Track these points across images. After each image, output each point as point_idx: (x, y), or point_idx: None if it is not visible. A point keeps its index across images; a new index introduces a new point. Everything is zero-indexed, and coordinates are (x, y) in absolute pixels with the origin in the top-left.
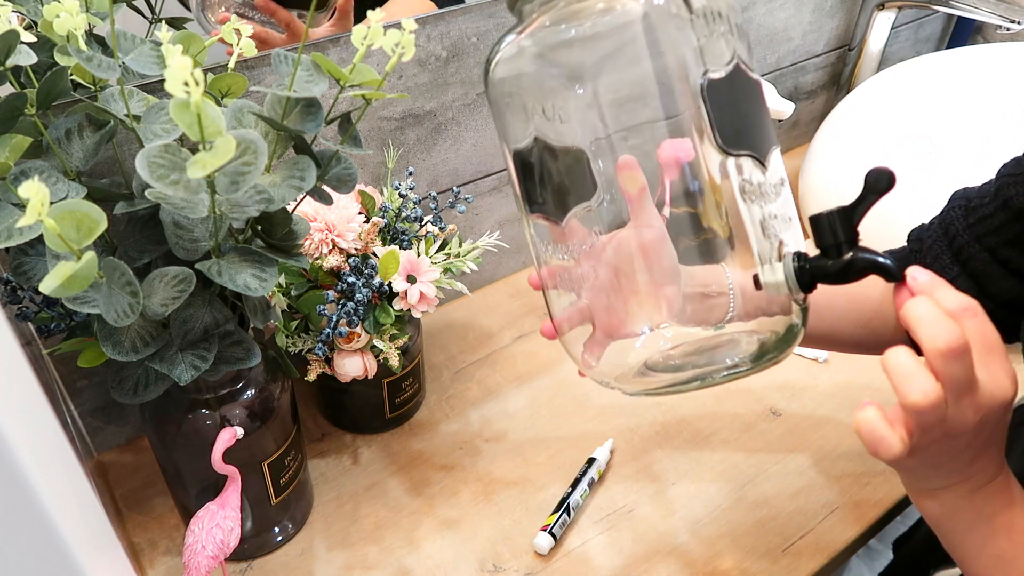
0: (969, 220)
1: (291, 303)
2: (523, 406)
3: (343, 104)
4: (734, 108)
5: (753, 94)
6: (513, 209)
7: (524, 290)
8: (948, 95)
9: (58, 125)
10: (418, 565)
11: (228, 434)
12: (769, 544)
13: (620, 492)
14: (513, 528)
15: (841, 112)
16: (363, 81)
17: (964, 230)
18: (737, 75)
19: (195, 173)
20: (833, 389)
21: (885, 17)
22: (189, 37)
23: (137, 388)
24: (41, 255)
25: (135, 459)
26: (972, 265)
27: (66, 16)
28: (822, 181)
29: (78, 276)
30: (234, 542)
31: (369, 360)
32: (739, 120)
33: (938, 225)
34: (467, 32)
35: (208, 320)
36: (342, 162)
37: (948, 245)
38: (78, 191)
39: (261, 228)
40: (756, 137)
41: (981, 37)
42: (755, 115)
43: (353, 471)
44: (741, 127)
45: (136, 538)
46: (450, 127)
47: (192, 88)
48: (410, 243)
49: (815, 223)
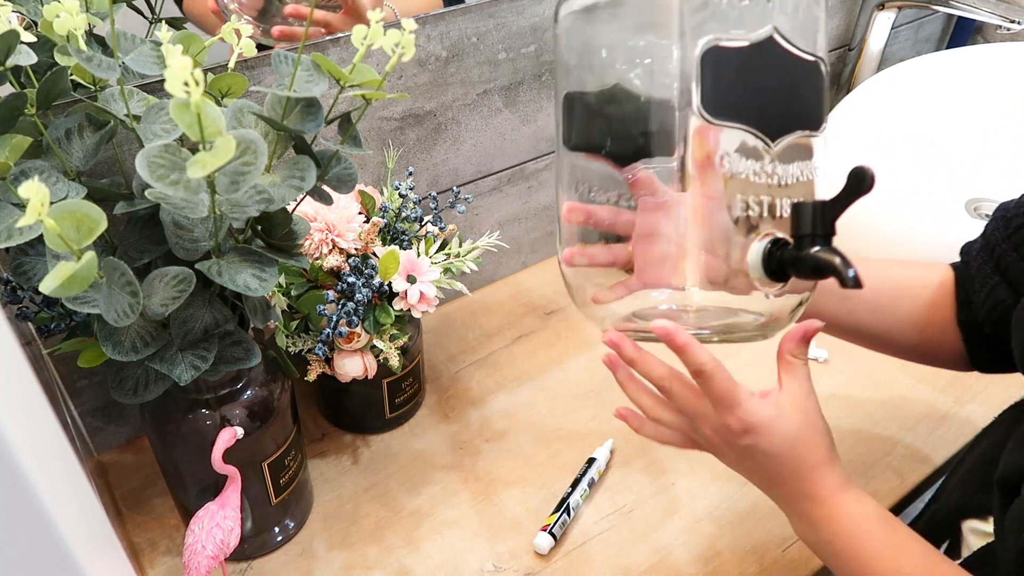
0: (1008, 231)
1: (291, 303)
2: (523, 406)
3: (343, 104)
4: (743, 79)
5: (791, 72)
6: (513, 209)
7: (524, 290)
8: (948, 95)
9: (58, 125)
10: (418, 565)
11: (228, 434)
12: (769, 544)
13: (620, 492)
14: (513, 528)
15: (841, 112)
16: (363, 81)
17: (1003, 240)
18: (764, 48)
19: (195, 173)
20: (833, 390)
21: (885, 17)
22: (189, 37)
23: (137, 388)
24: (41, 255)
25: (135, 459)
26: (1010, 274)
27: (66, 16)
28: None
29: (78, 276)
30: (234, 542)
31: (369, 360)
32: (743, 93)
33: (981, 237)
34: (467, 32)
35: (208, 320)
36: (342, 162)
37: (990, 255)
38: (78, 191)
39: (261, 228)
40: (768, 113)
41: (981, 37)
42: (778, 92)
43: (353, 471)
44: (744, 99)
45: (136, 538)
46: (450, 127)
47: (192, 88)
48: (410, 243)
49: (794, 211)
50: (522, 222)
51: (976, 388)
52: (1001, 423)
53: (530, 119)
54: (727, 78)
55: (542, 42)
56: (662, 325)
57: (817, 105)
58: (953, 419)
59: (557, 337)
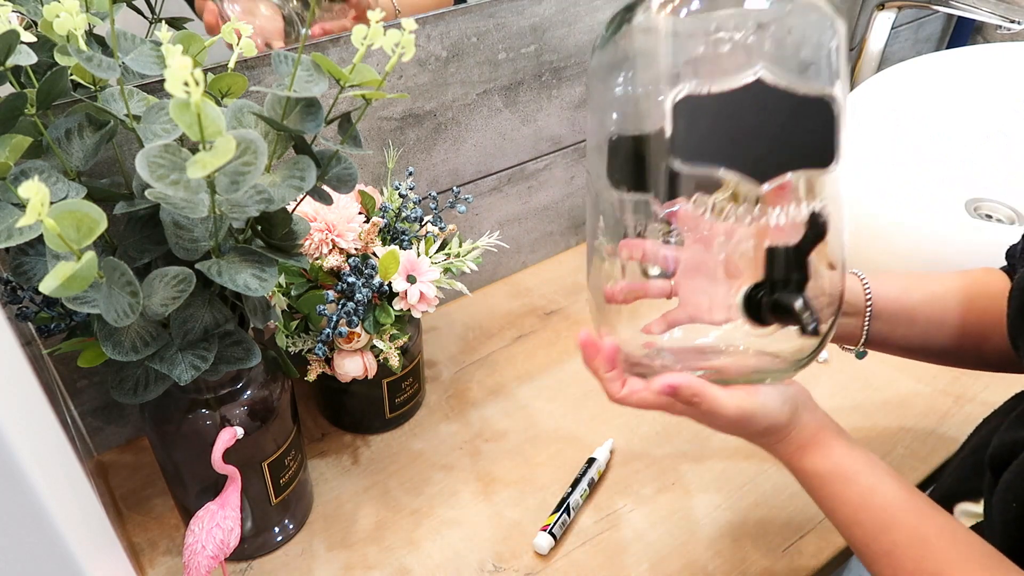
0: None
1: (291, 303)
2: (523, 406)
3: (343, 104)
4: (723, 124)
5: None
6: (513, 209)
7: (524, 290)
8: (948, 95)
9: (58, 125)
10: (418, 565)
11: (228, 434)
12: (769, 544)
13: (620, 492)
14: (513, 528)
15: None
16: (363, 81)
17: None
18: (752, 91)
19: (195, 173)
20: (833, 389)
21: (885, 17)
22: (189, 37)
23: (137, 388)
24: (41, 255)
25: (135, 459)
26: None
27: (66, 16)
28: None
29: (78, 276)
30: (234, 542)
31: (369, 360)
32: (723, 137)
33: (1022, 239)
34: (467, 32)
35: (208, 320)
36: (342, 162)
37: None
38: (78, 191)
39: (261, 228)
40: (755, 155)
41: (981, 37)
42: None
43: (353, 471)
44: (724, 143)
45: (136, 538)
46: (450, 127)
47: (192, 88)
48: (410, 243)
49: (766, 256)
50: (522, 222)
51: (976, 388)
52: (1000, 411)
53: (530, 119)
54: (703, 124)
55: (542, 42)
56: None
57: (823, 141)
58: (953, 419)
59: (557, 337)
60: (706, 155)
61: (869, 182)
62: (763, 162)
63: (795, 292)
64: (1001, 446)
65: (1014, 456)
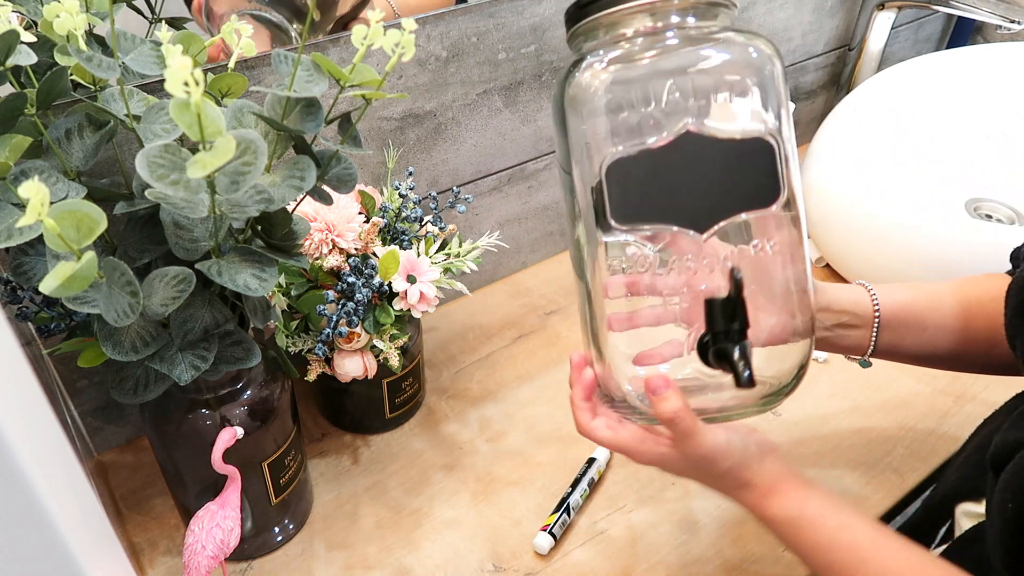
0: None
1: (291, 303)
2: (523, 406)
3: (343, 104)
4: (655, 180)
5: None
6: (513, 209)
7: (524, 290)
8: (948, 95)
9: (58, 125)
10: (418, 565)
11: (228, 434)
12: (770, 543)
13: (620, 492)
14: (513, 528)
15: (841, 112)
16: (363, 81)
17: None
18: (682, 143)
19: (195, 173)
20: (833, 389)
21: (885, 17)
22: (189, 37)
23: (137, 388)
24: (41, 255)
25: (135, 459)
26: None
27: (66, 16)
28: (822, 181)
29: (78, 276)
30: (234, 542)
31: (369, 360)
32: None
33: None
34: (467, 32)
35: (208, 320)
36: (342, 162)
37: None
38: (78, 191)
39: (261, 228)
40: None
41: (981, 37)
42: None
43: (353, 471)
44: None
45: (136, 538)
46: (450, 127)
47: (192, 88)
48: (410, 243)
49: (706, 306)
50: (522, 222)
51: (976, 388)
52: (1002, 411)
53: (530, 119)
54: (636, 184)
55: (542, 42)
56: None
57: (764, 180)
58: (953, 419)
59: (557, 337)
60: (641, 215)
61: (869, 182)
62: (701, 212)
63: (732, 342)
64: (1002, 445)
65: (1014, 456)
